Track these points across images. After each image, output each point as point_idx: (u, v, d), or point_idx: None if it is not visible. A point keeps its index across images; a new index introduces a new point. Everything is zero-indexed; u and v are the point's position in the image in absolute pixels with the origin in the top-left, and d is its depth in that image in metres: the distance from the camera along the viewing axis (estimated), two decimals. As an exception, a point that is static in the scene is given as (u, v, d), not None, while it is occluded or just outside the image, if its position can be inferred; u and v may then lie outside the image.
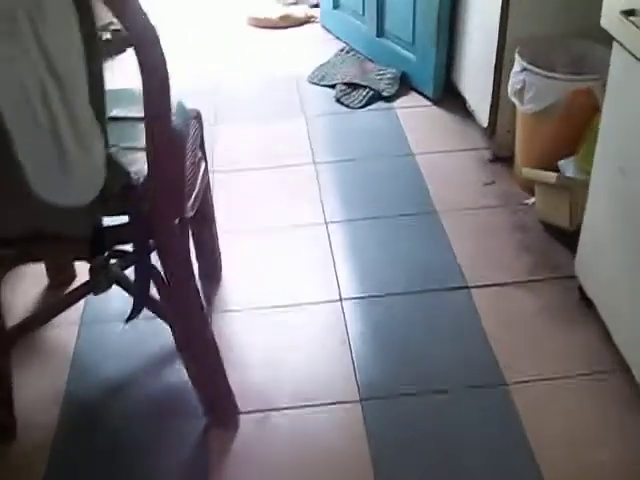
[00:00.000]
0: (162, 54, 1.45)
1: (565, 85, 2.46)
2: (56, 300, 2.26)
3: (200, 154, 2.14)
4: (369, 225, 2.63)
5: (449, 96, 3.28)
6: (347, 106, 3.30)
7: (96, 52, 1.40)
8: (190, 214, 1.81)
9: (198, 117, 2.15)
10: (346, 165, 2.96)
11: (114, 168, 1.53)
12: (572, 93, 2.44)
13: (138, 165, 1.62)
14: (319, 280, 2.40)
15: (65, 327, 2.22)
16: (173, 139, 1.58)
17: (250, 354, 2.16)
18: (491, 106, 2.84)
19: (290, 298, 2.33)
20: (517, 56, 2.56)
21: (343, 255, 2.50)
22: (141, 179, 1.62)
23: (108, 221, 1.66)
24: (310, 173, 2.91)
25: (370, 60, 3.62)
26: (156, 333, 2.08)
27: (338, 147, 3.09)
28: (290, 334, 2.22)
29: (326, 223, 2.65)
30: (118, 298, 1.87)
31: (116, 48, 3.53)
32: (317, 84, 3.50)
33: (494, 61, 2.75)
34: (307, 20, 4.11)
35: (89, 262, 1.62)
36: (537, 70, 2.47)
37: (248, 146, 3.10)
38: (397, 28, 3.42)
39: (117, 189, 1.58)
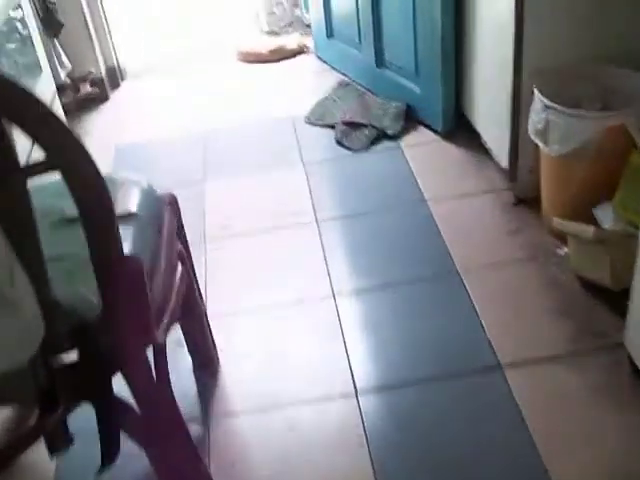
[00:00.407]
0: (98, 176, 1.15)
1: (595, 123, 2.13)
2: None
3: (179, 245, 1.85)
4: (382, 295, 2.33)
5: (460, 128, 2.97)
6: (349, 149, 2.99)
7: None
8: (164, 338, 1.51)
9: (173, 202, 1.85)
10: (352, 221, 2.65)
11: (57, 312, 1.23)
12: (603, 131, 2.12)
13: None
14: (330, 370, 2.10)
15: None
16: (127, 269, 1.29)
17: (258, 466, 1.86)
18: (510, 144, 2.52)
19: (296, 396, 2.03)
20: (536, 91, 2.24)
21: (355, 335, 2.20)
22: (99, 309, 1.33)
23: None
24: (312, 234, 2.60)
25: (371, 92, 3.31)
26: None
27: (342, 199, 2.79)
28: (301, 441, 1.91)
29: (333, 295, 2.34)
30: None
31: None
32: (315, 124, 3.19)
33: (510, 93, 2.43)
34: (300, 50, 3.81)
35: (39, 422, 1.32)
36: (561, 108, 2.15)
37: (241, 205, 2.80)
38: (398, 57, 3.11)
39: (65, 330, 1.29)
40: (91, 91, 3.41)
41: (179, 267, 1.73)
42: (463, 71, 2.86)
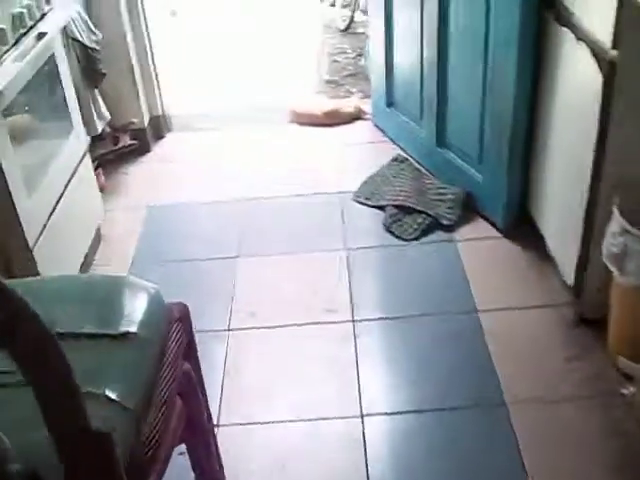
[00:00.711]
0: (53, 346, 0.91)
1: (682, 258, 1.83)
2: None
3: (186, 365, 1.61)
4: (416, 422, 2.05)
5: (523, 227, 2.68)
6: (398, 237, 2.73)
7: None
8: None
9: (184, 316, 1.61)
10: (391, 325, 2.38)
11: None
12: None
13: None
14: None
15: None
16: (93, 447, 1.04)
17: None
18: (578, 260, 2.23)
19: None
20: (615, 211, 1.95)
21: (380, 468, 1.92)
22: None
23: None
24: (346, 335, 2.34)
25: (429, 172, 3.05)
26: None
27: (383, 297, 2.53)
28: None
29: (362, 416, 2.07)
30: None
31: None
32: (364, 203, 2.94)
33: (585, 204, 2.14)
34: (357, 115, 3.56)
35: None
36: (644, 237, 1.86)
37: (273, 288, 2.56)
38: (461, 139, 2.84)
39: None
40: (130, 143, 3.21)
41: (178, 402, 1.48)
42: (532, 164, 2.58)
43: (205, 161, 3.35)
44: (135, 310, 1.50)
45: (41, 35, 2.19)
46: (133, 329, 1.44)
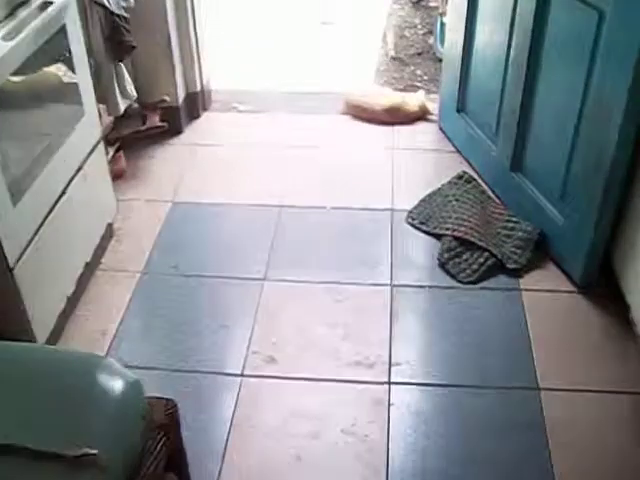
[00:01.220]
0: None
1: None
2: None
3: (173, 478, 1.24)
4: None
5: (604, 286, 2.25)
6: (453, 277, 2.31)
7: None
8: None
9: (168, 422, 1.23)
10: (433, 395, 1.98)
11: None
12: None
13: None
14: None
15: None
16: None
17: None
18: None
19: None
20: None
21: None
22: None
23: None
24: (379, 399, 1.95)
25: (498, 198, 2.60)
26: None
27: (427, 355, 2.12)
28: None
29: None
30: None
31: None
32: (419, 228, 2.51)
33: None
34: (421, 114, 3.10)
35: None
36: None
37: (300, 326, 2.18)
38: (541, 168, 2.39)
39: None
40: (159, 125, 2.82)
41: None
42: (624, 216, 2.13)
43: (241, 151, 2.94)
44: (102, 418, 1.13)
45: (46, 4, 1.78)
46: (93, 449, 1.07)
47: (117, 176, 2.70)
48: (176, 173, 2.81)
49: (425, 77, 4.46)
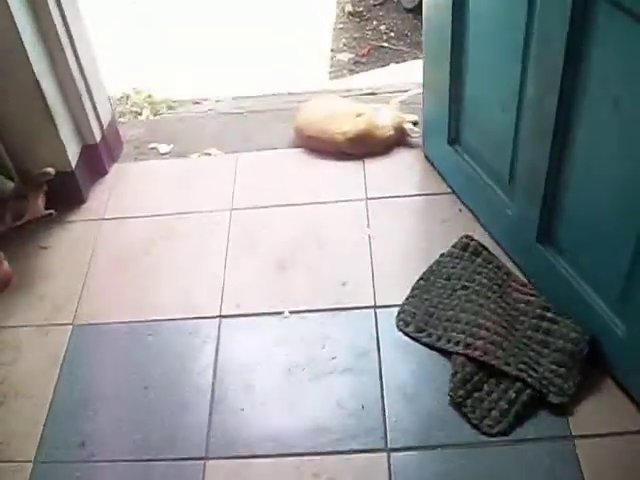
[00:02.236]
0: None
1: None
2: None
3: None
4: None
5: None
6: (475, 426, 1.60)
7: None
8: None
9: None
10: None
11: None
12: None
13: None
14: None
15: None
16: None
17: None
18: None
19: None
20: None
21: None
22: None
23: None
24: None
25: (518, 268, 1.88)
26: None
27: None
28: None
29: None
30: None
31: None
32: (416, 339, 1.78)
33: None
34: (399, 138, 2.31)
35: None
36: None
37: None
38: (586, 250, 1.64)
39: None
40: (43, 214, 2.05)
41: None
42: None
43: (162, 225, 2.17)
44: None
45: None
46: None
47: (2, 286, 1.97)
48: (78, 272, 2.05)
49: (391, 34, 3.81)
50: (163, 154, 2.42)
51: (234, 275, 1.99)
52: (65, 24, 2.04)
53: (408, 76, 3.04)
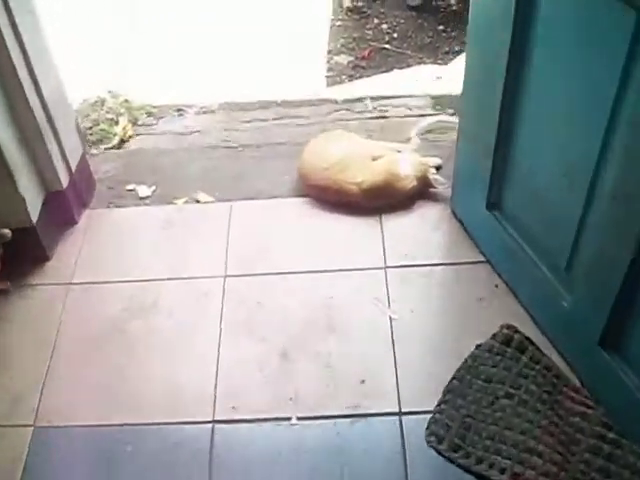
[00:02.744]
0: None
1: None
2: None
3: None
4: None
5: None
6: None
7: None
8: None
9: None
10: None
11: None
12: None
13: None
14: None
15: None
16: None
17: None
18: None
19: None
20: None
21: None
22: None
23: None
24: None
25: (572, 371, 1.56)
26: None
27: None
28: None
29: None
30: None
31: None
32: (451, 460, 1.47)
33: None
34: (423, 186, 1.98)
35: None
36: None
37: None
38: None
39: None
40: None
41: None
42: None
43: (141, 294, 1.82)
44: None
45: None
46: None
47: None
48: (40, 354, 1.71)
49: (394, 34, 3.45)
50: (142, 198, 2.06)
51: (229, 364, 1.66)
52: (26, 58, 1.67)
53: (414, 86, 2.78)
